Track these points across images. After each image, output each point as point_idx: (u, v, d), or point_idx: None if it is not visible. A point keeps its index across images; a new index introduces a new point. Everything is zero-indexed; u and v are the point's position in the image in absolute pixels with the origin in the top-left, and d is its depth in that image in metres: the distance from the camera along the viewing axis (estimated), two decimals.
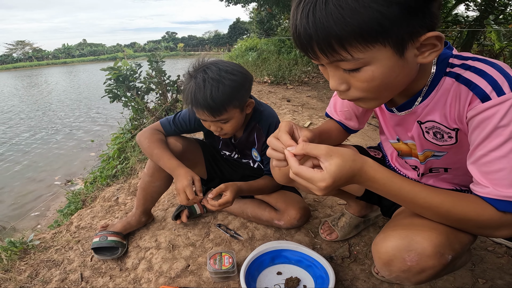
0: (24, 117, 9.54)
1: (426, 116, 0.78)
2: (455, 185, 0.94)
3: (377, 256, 0.74)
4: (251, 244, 1.42)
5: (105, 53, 64.60)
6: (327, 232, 1.44)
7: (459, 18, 5.71)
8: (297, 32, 0.62)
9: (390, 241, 0.71)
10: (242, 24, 46.89)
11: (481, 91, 0.63)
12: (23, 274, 1.35)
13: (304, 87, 5.74)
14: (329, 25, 0.57)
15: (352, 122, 1.06)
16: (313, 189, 0.66)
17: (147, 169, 1.44)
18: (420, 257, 0.66)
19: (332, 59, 0.62)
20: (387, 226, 0.80)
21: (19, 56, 58.60)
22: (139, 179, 2.40)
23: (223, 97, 1.15)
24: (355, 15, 0.55)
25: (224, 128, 1.27)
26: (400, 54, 0.60)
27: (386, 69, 0.62)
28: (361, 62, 0.61)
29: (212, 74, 1.16)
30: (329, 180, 0.63)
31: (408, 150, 0.95)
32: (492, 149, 0.61)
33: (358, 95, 0.69)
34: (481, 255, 1.29)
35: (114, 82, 3.30)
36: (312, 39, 0.60)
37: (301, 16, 0.60)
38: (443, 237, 0.66)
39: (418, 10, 0.56)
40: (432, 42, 0.60)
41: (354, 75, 0.64)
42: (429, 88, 0.73)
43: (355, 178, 0.67)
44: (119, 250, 1.40)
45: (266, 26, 15.53)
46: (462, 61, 0.69)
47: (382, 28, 0.56)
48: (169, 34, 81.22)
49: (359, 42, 0.58)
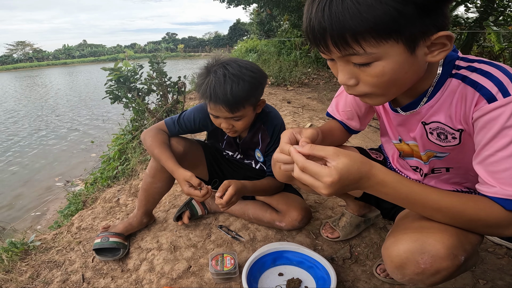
0: (23, 118, 9.53)
1: (431, 117, 0.78)
2: (455, 184, 0.95)
3: (389, 260, 0.73)
4: (253, 245, 1.42)
5: (105, 54, 64.67)
6: (328, 231, 1.44)
7: (459, 20, 5.72)
8: (311, 25, 0.63)
9: (402, 245, 0.70)
10: (242, 26, 46.91)
11: (487, 92, 0.64)
12: (24, 275, 1.35)
13: (304, 89, 5.75)
14: (345, 19, 0.58)
15: (354, 122, 1.07)
16: (319, 187, 0.64)
17: (149, 170, 1.44)
18: (434, 259, 0.66)
19: (345, 52, 0.63)
20: (395, 230, 0.79)
21: (20, 57, 58.66)
22: (140, 180, 2.40)
23: (242, 93, 1.16)
24: (371, 10, 0.56)
25: (236, 126, 1.27)
26: (411, 51, 0.61)
27: (397, 65, 0.63)
28: (373, 56, 0.62)
29: (233, 70, 1.17)
30: (336, 176, 0.62)
31: (410, 150, 0.95)
32: (499, 149, 0.62)
33: (366, 90, 0.69)
34: (482, 256, 1.29)
35: (115, 83, 3.30)
36: (326, 32, 0.61)
37: (316, 10, 0.61)
38: (455, 238, 0.67)
39: (432, 10, 0.58)
40: (442, 41, 0.61)
41: (364, 70, 0.65)
42: (435, 88, 0.74)
43: (363, 182, 0.66)
44: (120, 251, 1.40)
45: (266, 27, 15.56)
46: (468, 63, 0.70)
47: (397, 25, 0.57)
48: (169, 35, 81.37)
49: (373, 37, 0.59)
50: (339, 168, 0.63)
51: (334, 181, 0.62)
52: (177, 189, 1.99)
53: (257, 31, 15.97)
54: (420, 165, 0.96)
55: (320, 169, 0.64)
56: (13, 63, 54.83)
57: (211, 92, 1.16)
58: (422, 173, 0.97)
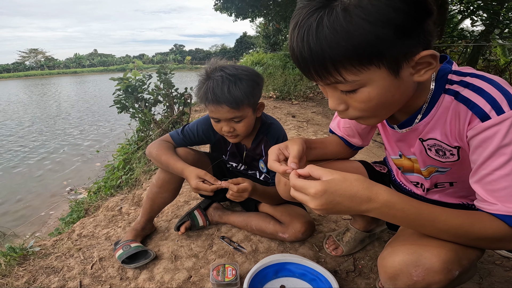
0: (29, 126, 9.62)
1: (427, 134, 0.78)
2: (461, 198, 0.93)
3: (383, 270, 0.73)
4: (255, 256, 1.40)
5: (114, 64, 65.71)
6: (332, 247, 1.41)
7: (465, 33, 5.73)
8: (294, 55, 0.63)
9: (398, 256, 0.70)
10: (248, 39, 47.67)
11: (480, 110, 0.63)
12: (21, 279, 1.34)
13: (309, 103, 5.77)
14: (324, 49, 0.57)
15: (355, 139, 1.07)
16: (307, 201, 0.64)
17: (156, 180, 1.45)
18: (427, 272, 0.65)
19: (327, 81, 0.64)
20: (394, 241, 0.78)
21: (32, 64, 59.66)
22: (143, 190, 2.40)
23: (240, 92, 1.19)
24: (349, 38, 0.55)
25: (237, 128, 1.28)
26: (395, 74, 0.60)
27: (382, 90, 0.62)
28: (357, 84, 0.61)
29: (230, 72, 1.22)
30: (319, 187, 0.62)
31: (410, 165, 0.94)
32: (496, 168, 0.62)
33: (357, 115, 0.70)
34: (489, 268, 1.27)
35: (123, 93, 3.34)
36: (308, 63, 0.61)
37: (297, 40, 0.61)
38: (452, 253, 0.65)
39: (412, 30, 0.57)
40: (427, 60, 0.60)
41: (351, 96, 0.65)
42: (429, 105, 0.73)
43: (365, 204, 0.63)
44: (151, 253, 1.39)
45: (272, 40, 15.78)
46: (460, 78, 0.69)
47: (376, 50, 0.56)
48: (176, 47, 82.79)
49: (353, 65, 0.58)
50: (326, 181, 0.63)
51: (318, 192, 0.62)
52: (180, 199, 1.98)
53: (263, 44, 16.20)
54: (421, 181, 0.95)
55: (305, 182, 0.65)
56: (25, 70, 55.81)
57: (211, 93, 1.20)
58: (424, 188, 0.96)
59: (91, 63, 64.30)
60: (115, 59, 70.08)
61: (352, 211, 0.64)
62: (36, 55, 61.39)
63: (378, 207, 0.63)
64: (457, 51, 6.08)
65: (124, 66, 57.08)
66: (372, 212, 0.64)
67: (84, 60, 64.02)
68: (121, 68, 55.32)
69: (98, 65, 64.19)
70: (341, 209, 0.64)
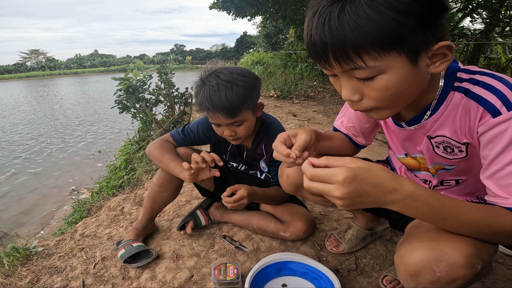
0: (31, 127, 9.65)
1: (436, 131, 0.78)
2: (466, 195, 0.93)
3: (403, 268, 0.71)
4: (256, 255, 1.40)
5: (115, 64, 65.58)
6: (333, 244, 1.42)
7: (466, 31, 5.71)
8: (312, 41, 0.63)
9: (418, 253, 0.68)
10: (249, 38, 47.57)
11: (491, 106, 0.64)
12: (24, 279, 1.34)
13: (310, 102, 5.77)
14: (346, 33, 0.57)
15: (359, 138, 1.07)
16: (331, 190, 0.59)
17: (156, 179, 1.45)
18: (450, 267, 0.64)
19: (347, 67, 0.62)
20: (410, 238, 0.76)
21: (33, 65, 59.46)
22: (145, 189, 2.41)
23: (237, 98, 1.18)
24: (372, 23, 0.56)
25: (238, 132, 1.28)
26: (414, 62, 0.61)
27: (401, 78, 0.62)
28: (376, 70, 0.61)
29: (225, 77, 1.20)
30: (349, 173, 0.57)
31: (417, 164, 0.94)
32: (508, 163, 0.62)
33: (372, 105, 0.68)
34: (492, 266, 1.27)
35: (124, 93, 3.34)
36: (327, 48, 0.61)
37: (316, 25, 0.60)
38: (473, 248, 0.65)
39: (432, 20, 0.58)
40: (443, 51, 0.61)
41: (368, 84, 0.64)
42: (438, 102, 0.74)
43: (388, 195, 0.60)
44: (152, 252, 1.39)
45: (273, 40, 15.75)
46: (470, 76, 0.70)
47: (398, 37, 0.57)
48: (177, 47, 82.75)
49: (375, 50, 0.58)
50: (354, 168, 0.59)
51: (347, 179, 0.57)
52: (181, 199, 1.99)
53: (263, 43, 16.18)
54: (430, 178, 0.95)
55: (328, 170, 0.60)
56: (26, 71, 55.72)
57: (208, 101, 1.19)
58: (431, 186, 0.96)
59: (92, 63, 64.18)
60: (116, 60, 69.91)
61: (376, 202, 0.61)
62: (37, 56, 61.26)
63: (403, 199, 0.61)
64: (458, 50, 6.06)
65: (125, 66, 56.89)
66: (395, 204, 0.61)
67: (85, 61, 63.91)
68: (122, 68, 55.15)
69: (99, 65, 64.08)
70: (365, 199, 0.60)
